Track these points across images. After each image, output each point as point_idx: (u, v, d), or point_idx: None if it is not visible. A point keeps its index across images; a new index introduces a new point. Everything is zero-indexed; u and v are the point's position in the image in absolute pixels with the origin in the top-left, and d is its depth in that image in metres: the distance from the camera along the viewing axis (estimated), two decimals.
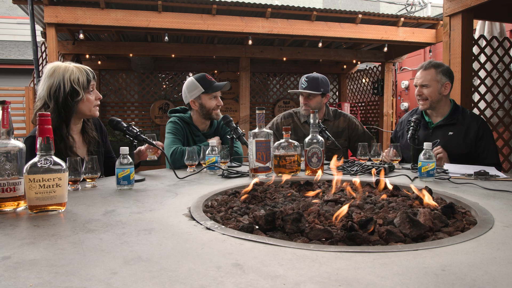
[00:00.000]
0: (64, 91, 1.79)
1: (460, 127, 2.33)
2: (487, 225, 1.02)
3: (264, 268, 0.74)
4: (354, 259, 0.78)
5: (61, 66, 1.84)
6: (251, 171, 1.83)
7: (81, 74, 1.84)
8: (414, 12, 12.39)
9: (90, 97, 1.88)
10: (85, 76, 1.85)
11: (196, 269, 0.74)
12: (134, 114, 8.11)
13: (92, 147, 1.98)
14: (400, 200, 1.27)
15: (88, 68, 1.91)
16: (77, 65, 1.87)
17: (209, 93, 2.46)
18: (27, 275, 0.72)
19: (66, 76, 1.80)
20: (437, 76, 2.36)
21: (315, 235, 0.95)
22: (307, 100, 2.83)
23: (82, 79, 1.83)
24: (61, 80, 1.80)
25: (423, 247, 0.85)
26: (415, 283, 0.67)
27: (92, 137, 2.00)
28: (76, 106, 1.84)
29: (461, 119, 2.36)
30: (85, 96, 1.85)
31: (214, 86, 2.48)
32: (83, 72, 1.85)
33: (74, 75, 1.81)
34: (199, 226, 1.04)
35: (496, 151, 2.36)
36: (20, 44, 11.52)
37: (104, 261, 0.78)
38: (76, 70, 1.83)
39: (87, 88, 1.86)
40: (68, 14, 4.68)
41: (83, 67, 1.88)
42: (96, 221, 1.09)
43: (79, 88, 1.81)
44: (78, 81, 1.82)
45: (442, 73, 2.37)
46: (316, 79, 2.81)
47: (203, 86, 2.46)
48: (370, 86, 8.18)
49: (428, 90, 2.36)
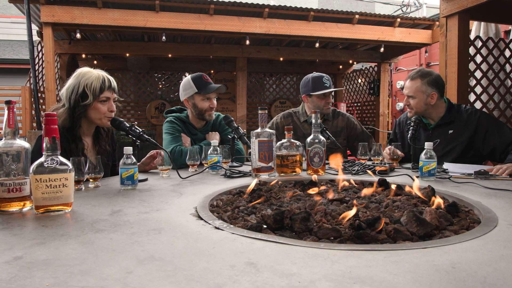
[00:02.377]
0: (76, 93, 1.83)
1: (459, 124, 2.33)
2: (491, 224, 1.03)
3: (277, 267, 0.75)
4: (365, 257, 0.80)
5: (83, 70, 1.89)
6: (254, 171, 1.83)
7: (96, 80, 1.85)
8: (410, 13, 12.48)
9: (100, 106, 1.88)
10: (99, 83, 1.85)
11: (210, 268, 0.74)
12: (130, 114, 8.07)
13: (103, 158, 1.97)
14: (404, 199, 1.29)
15: (109, 77, 1.91)
16: (100, 73, 1.89)
17: (202, 94, 2.46)
18: (42, 275, 0.72)
19: (83, 79, 1.84)
20: (423, 87, 2.32)
21: (324, 234, 0.96)
22: (329, 99, 2.85)
23: (95, 85, 1.84)
24: (77, 83, 1.84)
25: (432, 245, 0.86)
26: (427, 280, 0.69)
27: (104, 149, 2.01)
28: (84, 110, 1.86)
29: (458, 116, 2.36)
30: (94, 103, 1.86)
31: (208, 87, 2.46)
32: (99, 79, 1.86)
33: (89, 80, 1.84)
34: (208, 225, 1.04)
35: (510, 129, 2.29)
36: (15, 44, 11.42)
37: (117, 260, 0.79)
38: (93, 76, 1.86)
39: (98, 96, 1.86)
40: (65, 13, 4.65)
41: (104, 75, 1.89)
42: (104, 221, 1.09)
43: (89, 93, 1.83)
44: (90, 85, 1.84)
45: (428, 83, 2.32)
46: (329, 78, 2.87)
47: (197, 86, 2.45)
48: (366, 86, 8.23)
49: (414, 101, 2.35)
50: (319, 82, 2.78)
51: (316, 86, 2.77)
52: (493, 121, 2.31)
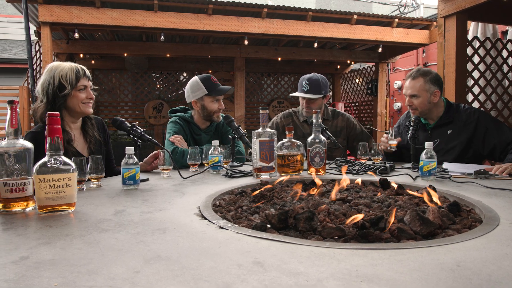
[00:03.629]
0: (53, 86, 1.87)
1: (458, 123, 2.33)
2: (493, 223, 1.04)
3: (284, 266, 0.75)
4: (370, 256, 0.80)
5: (54, 64, 1.93)
6: (255, 171, 1.84)
7: (70, 71, 1.89)
8: (407, 13, 12.53)
9: (80, 94, 1.91)
10: (74, 73, 1.89)
11: (217, 267, 0.75)
12: (128, 114, 8.06)
13: (93, 146, 1.99)
14: (406, 198, 1.30)
15: (81, 67, 1.95)
16: (71, 64, 1.94)
17: (212, 96, 2.46)
18: (50, 274, 0.72)
19: (56, 72, 1.88)
20: (426, 85, 2.32)
21: (328, 233, 0.96)
22: (308, 103, 2.81)
23: (70, 75, 1.88)
24: (51, 77, 1.88)
25: (436, 244, 0.87)
26: (433, 278, 0.69)
27: (91, 136, 2.02)
28: (64, 101, 1.89)
29: (457, 116, 2.36)
30: (72, 92, 1.89)
31: (218, 89, 2.48)
32: (72, 69, 1.90)
33: (63, 71, 1.88)
34: (212, 225, 1.05)
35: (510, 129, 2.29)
36: (11, 43, 11.36)
37: (124, 260, 0.79)
38: (67, 68, 1.90)
39: (75, 85, 1.90)
40: (63, 13, 4.63)
41: (76, 66, 1.93)
42: (107, 221, 1.09)
43: (66, 83, 1.87)
44: (66, 76, 1.88)
45: (431, 81, 2.32)
46: (317, 82, 2.76)
47: (207, 88, 2.45)
48: (364, 86, 8.25)
49: (418, 101, 2.33)
50: (299, 84, 2.87)
51: (297, 88, 2.89)
52: (492, 121, 2.31)
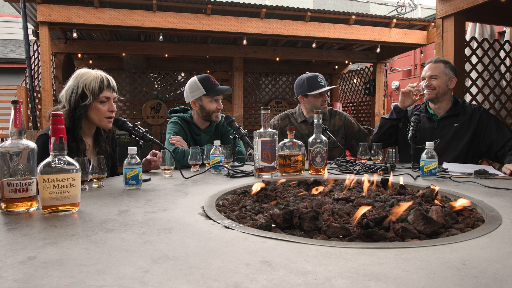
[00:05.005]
0: (76, 94, 1.84)
1: (464, 117, 2.42)
2: (496, 222, 1.05)
3: (292, 265, 0.76)
4: (376, 255, 0.81)
5: (82, 71, 1.89)
6: (257, 171, 1.84)
7: (95, 80, 1.86)
8: (405, 14, 12.58)
9: (100, 106, 1.88)
10: (98, 83, 1.86)
11: (225, 267, 0.75)
12: (125, 114, 8.03)
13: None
14: (408, 198, 1.31)
15: (107, 77, 1.91)
16: (98, 73, 1.89)
17: (211, 96, 2.46)
18: (59, 274, 0.72)
19: (81, 80, 1.85)
20: (446, 70, 2.46)
21: (333, 232, 0.97)
22: (325, 97, 2.87)
23: (94, 85, 1.85)
24: (76, 84, 1.85)
25: (440, 243, 0.88)
26: (440, 276, 0.70)
27: (104, 150, 2.01)
28: (85, 111, 1.86)
29: (463, 110, 2.46)
30: (94, 103, 1.86)
31: (216, 89, 2.48)
32: (97, 79, 1.86)
33: (87, 80, 1.85)
34: (217, 225, 1.05)
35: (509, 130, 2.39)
36: (8, 43, 11.30)
37: (132, 260, 0.79)
38: (92, 77, 1.86)
39: (98, 96, 1.86)
40: (62, 12, 4.62)
41: (102, 75, 1.89)
42: (112, 221, 1.09)
43: (88, 93, 1.84)
44: (89, 85, 1.84)
45: (450, 68, 2.48)
46: (323, 77, 2.90)
47: (205, 88, 2.46)
48: (361, 87, 8.27)
49: (437, 81, 2.45)
50: (314, 82, 2.81)
51: (312, 86, 2.80)
52: (494, 118, 2.40)
